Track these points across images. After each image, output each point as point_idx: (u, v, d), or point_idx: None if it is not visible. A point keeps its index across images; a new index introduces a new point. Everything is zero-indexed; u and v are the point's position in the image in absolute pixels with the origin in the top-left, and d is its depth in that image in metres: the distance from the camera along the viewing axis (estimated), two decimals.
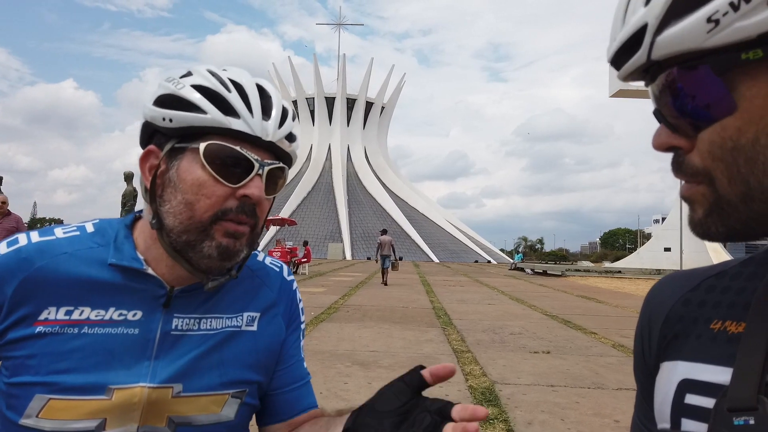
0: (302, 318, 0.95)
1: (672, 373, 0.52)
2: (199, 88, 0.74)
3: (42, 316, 0.72)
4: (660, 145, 0.47)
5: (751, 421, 0.42)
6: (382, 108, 74.67)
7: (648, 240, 53.37)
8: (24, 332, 0.72)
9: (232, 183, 0.73)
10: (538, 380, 5.06)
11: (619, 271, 31.26)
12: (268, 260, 0.93)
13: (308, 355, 1.18)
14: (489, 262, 57.38)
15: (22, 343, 0.72)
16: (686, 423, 0.49)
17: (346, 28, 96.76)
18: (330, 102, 71.70)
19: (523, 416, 3.99)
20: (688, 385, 0.50)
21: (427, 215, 66.66)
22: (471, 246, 63.57)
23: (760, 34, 0.39)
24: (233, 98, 0.74)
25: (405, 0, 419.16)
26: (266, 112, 0.76)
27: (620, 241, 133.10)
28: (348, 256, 52.78)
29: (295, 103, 72.45)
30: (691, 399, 0.49)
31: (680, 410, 0.50)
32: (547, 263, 43.72)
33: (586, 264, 54.81)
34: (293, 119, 0.81)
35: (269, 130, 0.75)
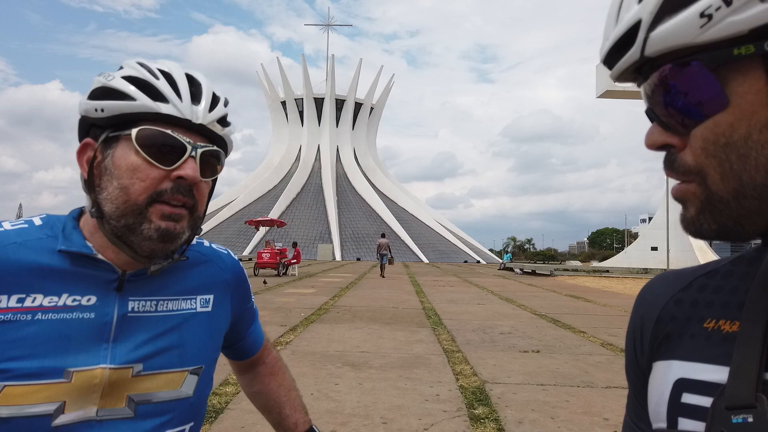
0: (251, 290, 1.05)
1: (667, 372, 0.52)
2: (129, 79, 0.78)
3: None
4: (652, 144, 0.47)
5: (750, 419, 0.42)
6: (371, 109, 74.61)
7: (635, 239, 53.84)
8: None
9: (166, 166, 0.76)
10: (528, 379, 5.08)
11: (607, 271, 31.50)
12: (214, 245, 0.99)
13: (299, 356, 1.21)
14: (478, 262, 57.54)
15: None
16: (683, 422, 0.49)
17: (335, 29, 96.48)
18: (319, 103, 71.49)
19: (513, 415, 4.00)
20: (684, 385, 0.50)
21: (417, 216, 66.70)
22: (460, 246, 63.72)
23: (753, 29, 0.39)
24: (161, 85, 0.77)
25: (392, 2, 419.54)
26: (195, 97, 0.80)
27: (608, 241, 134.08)
28: (338, 257, 52.66)
29: (284, 103, 72.16)
30: (688, 398, 0.49)
31: (677, 410, 0.50)
32: (536, 263, 44.02)
33: (574, 263, 55.20)
34: (225, 105, 0.84)
35: (199, 114, 0.79)
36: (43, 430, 0.73)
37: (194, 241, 0.91)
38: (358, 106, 72.88)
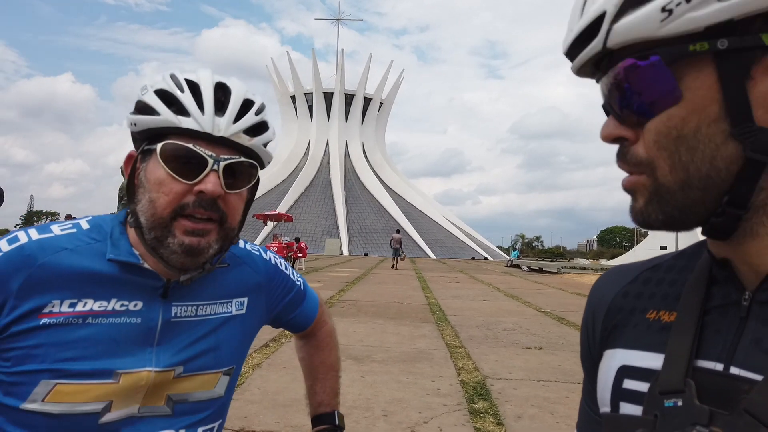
0: (293, 277, 1.06)
1: (612, 360, 0.56)
2: (158, 92, 0.79)
3: (47, 309, 0.76)
4: (607, 136, 0.49)
5: (679, 403, 0.46)
6: (381, 104, 74.46)
7: (644, 238, 53.46)
8: (28, 325, 0.75)
9: (188, 180, 0.77)
10: (529, 375, 5.11)
11: None
12: (248, 246, 1.00)
13: None
14: (486, 258, 57.43)
15: (26, 334, 0.75)
16: (624, 406, 0.53)
17: (345, 24, 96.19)
18: (328, 97, 71.40)
19: (513, 410, 4.04)
20: (625, 371, 0.54)
21: (424, 212, 66.57)
22: (468, 243, 63.55)
23: (708, 27, 0.41)
24: (184, 98, 0.78)
25: None
26: (221, 108, 0.79)
27: (617, 239, 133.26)
28: (345, 252, 52.74)
29: (293, 98, 72.14)
30: (629, 384, 0.53)
31: (619, 394, 0.54)
32: (543, 260, 43.90)
33: (582, 261, 54.88)
34: (258, 113, 0.83)
35: (221, 126, 0.78)
36: (90, 427, 0.77)
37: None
38: (367, 101, 72.72)
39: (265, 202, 58.14)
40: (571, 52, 0.49)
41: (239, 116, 0.80)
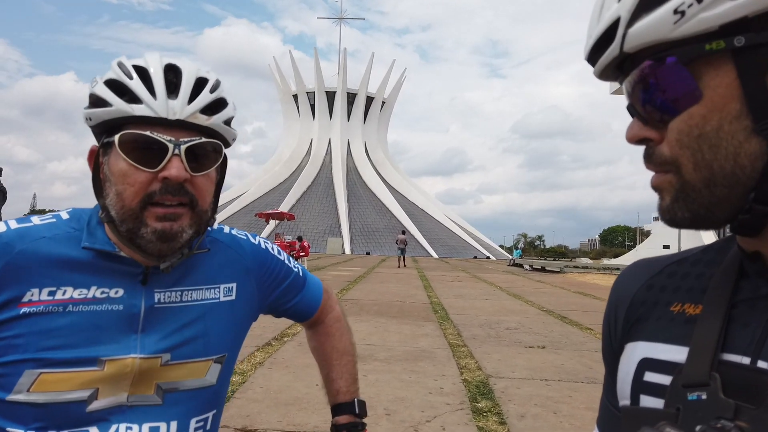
0: (289, 263, 1.03)
1: (633, 352, 0.55)
2: (108, 82, 0.77)
3: (26, 298, 0.75)
4: (632, 138, 0.49)
5: (704, 396, 0.44)
6: (383, 103, 74.41)
7: (647, 237, 53.43)
8: (8, 315, 0.74)
9: (151, 168, 0.75)
10: (532, 374, 5.09)
11: (617, 268, 31.28)
12: (234, 231, 0.98)
13: (305, 347, 1.26)
14: (488, 258, 57.38)
15: (6, 324, 0.74)
16: (644, 399, 0.52)
17: (347, 23, 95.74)
18: (330, 96, 71.37)
19: (516, 409, 4.02)
20: (647, 364, 0.52)
21: (426, 210, 66.55)
22: (470, 242, 63.52)
23: (722, 25, 0.41)
24: (134, 85, 0.76)
25: None
26: (174, 90, 0.76)
27: (619, 238, 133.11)
28: (347, 251, 52.76)
29: (295, 97, 72.16)
30: (650, 376, 0.52)
31: (639, 387, 0.52)
32: (546, 260, 43.81)
33: (584, 261, 54.77)
34: (212, 91, 0.80)
35: (176, 109, 0.76)
36: (79, 415, 0.76)
37: (215, 227, 0.91)
38: (369, 100, 72.68)
39: (267, 201, 58.23)
40: (592, 57, 0.50)
41: (193, 96, 0.78)
